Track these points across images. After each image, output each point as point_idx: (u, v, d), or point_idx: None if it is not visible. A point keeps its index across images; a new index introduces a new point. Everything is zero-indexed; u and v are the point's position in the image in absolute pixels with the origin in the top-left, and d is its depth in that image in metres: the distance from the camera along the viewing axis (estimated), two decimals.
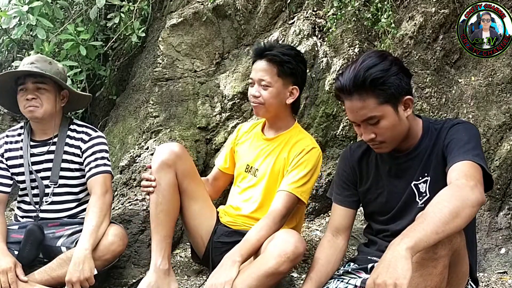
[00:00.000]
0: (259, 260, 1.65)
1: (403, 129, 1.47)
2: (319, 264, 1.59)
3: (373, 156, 1.62)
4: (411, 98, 1.45)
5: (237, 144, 2.07)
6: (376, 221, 1.63)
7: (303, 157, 1.86)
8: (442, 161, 1.46)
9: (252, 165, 1.98)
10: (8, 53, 3.77)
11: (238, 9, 3.23)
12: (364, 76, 1.38)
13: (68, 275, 1.76)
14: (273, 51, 1.86)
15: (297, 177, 1.84)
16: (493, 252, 2.19)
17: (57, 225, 2.06)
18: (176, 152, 1.86)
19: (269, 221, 1.79)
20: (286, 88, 1.89)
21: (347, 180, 1.67)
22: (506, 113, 2.39)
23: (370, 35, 2.89)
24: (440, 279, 1.23)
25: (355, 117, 1.44)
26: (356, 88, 1.39)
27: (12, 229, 2.05)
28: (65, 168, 2.07)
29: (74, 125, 2.14)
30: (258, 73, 1.88)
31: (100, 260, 1.89)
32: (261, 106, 1.89)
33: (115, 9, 3.38)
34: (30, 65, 2.01)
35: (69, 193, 2.09)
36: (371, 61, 1.41)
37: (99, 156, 2.06)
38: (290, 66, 1.86)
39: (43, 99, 2.01)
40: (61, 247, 1.97)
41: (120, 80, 3.70)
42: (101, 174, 2.03)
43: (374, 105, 1.40)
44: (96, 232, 1.87)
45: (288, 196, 1.83)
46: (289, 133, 1.95)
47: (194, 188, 1.93)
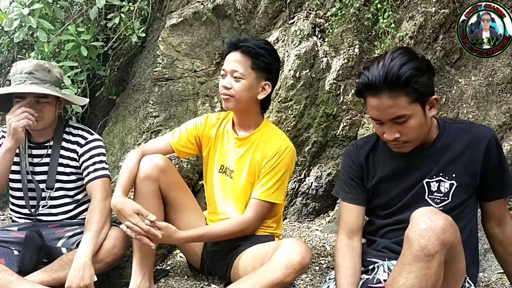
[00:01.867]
0: (264, 269, 1.62)
1: (427, 129, 1.45)
2: (348, 276, 1.47)
3: (381, 152, 1.59)
4: (437, 98, 1.42)
5: (203, 134, 1.98)
6: (378, 216, 1.61)
7: (278, 160, 1.83)
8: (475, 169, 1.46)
9: (226, 166, 1.94)
10: (8, 54, 3.77)
11: (238, 9, 3.23)
12: (397, 73, 1.33)
13: (68, 281, 1.76)
14: (248, 43, 1.81)
15: (270, 183, 1.82)
16: (493, 252, 2.18)
17: (57, 226, 2.05)
18: (159, 166, 1.84)
19: (234, 228, 1.82)
20: (259, 82, 1.84)
21: (355, 177, 1.62)
22: (506, 113, 2.39)
23: (370, 35, 2.89)
24: (436, 279, 1.22)
25: (383, 115, 1.39)
26: (388, 85, 1.34)
27: (12, 230, 2.04)
28: (61, 172, 2.05)
29: (70, 128, 2.11)
30: (231, 64, 1.82)
31: (101, 262, 1.89)
32: (231, 99, 1.82)
33: (115, 9, 3.38)
34: (29, 76, 1.94)
35: (66, 196, 2.07)
36: (402, 58, 1.36)
37: (97, 160, 2.04)
38: (265, 60, 1.81)
39: (44, 111, 1.97)
40: (61, 248, 1.96)
41: (120, 80, 3.70)
42: (101, 179, 2.00)
43: (405, 103, 1.35)
44: (97, 238, 1.87)
45: (260, 204, 1.83)
46: (260, 131, 1.90)
47: (181, 200, 1.91)
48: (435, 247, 1.21)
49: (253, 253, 1.80)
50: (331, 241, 2.52)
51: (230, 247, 1.88)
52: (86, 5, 3.41)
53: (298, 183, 2.96)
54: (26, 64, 2.01)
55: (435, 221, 1.24)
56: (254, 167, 1.87)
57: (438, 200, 1.47)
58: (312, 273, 2.10)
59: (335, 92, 2.93)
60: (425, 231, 1.23)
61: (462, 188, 1.46)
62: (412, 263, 1.22)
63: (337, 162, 2.95)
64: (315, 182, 2.92)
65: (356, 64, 2.90)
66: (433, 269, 1.21)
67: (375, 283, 1.46)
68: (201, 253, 1.96)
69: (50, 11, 3.12)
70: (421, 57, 1.42)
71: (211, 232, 1.83)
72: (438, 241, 1.21)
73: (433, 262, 1.21)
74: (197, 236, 1.83)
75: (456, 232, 1.27)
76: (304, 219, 2.92)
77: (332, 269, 2.13)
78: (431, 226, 1.23)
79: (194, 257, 1.99)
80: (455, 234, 1.26)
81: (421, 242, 1.22)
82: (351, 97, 2.90)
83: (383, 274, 1.46)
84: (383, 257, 1.52)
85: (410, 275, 1.22)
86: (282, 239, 1.79)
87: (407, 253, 1.25)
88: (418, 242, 1.22)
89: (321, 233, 2.67)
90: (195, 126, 2.00)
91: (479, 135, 1.46)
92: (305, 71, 2.92)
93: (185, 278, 2.04)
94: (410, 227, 1.28)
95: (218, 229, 1.83)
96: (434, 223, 1.23)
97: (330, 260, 2.25)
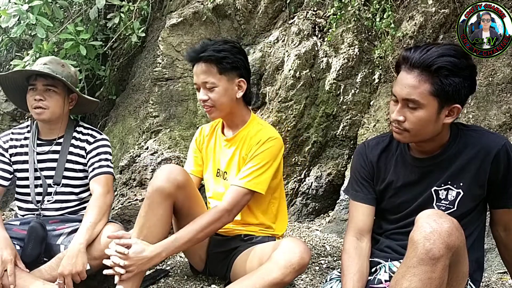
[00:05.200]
0: (263, 269, 1.61)
1: (432, 131, 1.41)
2: (355, 281, 1.44)
3: (393, 154, 1.57)
4: (459, 108, 1.38)
5: (201, 147, 2.03)
6: (384, 219, 1.60)
7: (259, 148, 1.80)
8: (482, 179, 1.44)
9: (220, 168, 1.95)
10: (7, 53, 3.77)
11: (238, 9, 3.23)
12: (434, 59, 1.31)
13: (60, 267, 1.77)
14: (207, 52, 1.79)
15: (251, 170, 1.78)
16: (493, 252, 2.18)
17: (57, 221, 2.07)
18: (178, 182, 1.74)
19: (209, 218, 1.73)
20: (233, 83, 1.83)
21: (366, 176, 1.60)
22: (506, 113, 2.39)
23: (370, 35, 2.89)
24: (440, 283, 1.21)
25: (401, 91, 1.37)
26: (421, 65, 1.33)
27: (14, 224, 2.06)
28: (68, 168, 2.10)
29: (80, 127, 2.17)
30: (199, 76, 1.81)
31: (100, 259, 1.89)
32: (213, 109, 1.82)
33: (115, 9, 3.38)
34: (43, 66, 2.02)
35: (71, 193, 2.11)
36: (449, 51, 1.33)
37: (103, 157, 2.09)
38: (228, 61, 1.79)
39: (51, 101, 2.02)
40: (61, 246, 1.97)
41: (120, 80, 3.70)
42: (104, 175, 2.05)
43: (425, 91, 1.33)
44: (93, 229, 1.88)
45: (237, 191, 1.76)
46: (247, 128, 1.90)
47: (194, 211, 1.85)
48: (440, 250, 1.20)
49: (252, 254, 1.79)
50: (331, 241, 2.52)
51: (230, 248, 1.88)
52: (85, 5, 3.41)
53: (298, 183, 2.96)
54: (43, 58, 2.10)
55: (441, 224, 1.22)
56: (242, 164, 1.87)
57: (443, 208, 1.46)
58: (312, 273, 2.10)
59: (335, 92, 2.93)
60: (431, 234, 1.21)
61: (468, 198, 1.45)
62: (417, 266, 1.21)
63: (337, 162, 2.95)
64: (315, 182, 2.92)
65: (356, 64, 2.90)
66: (437, 272, 1.20)
67: (376, 283, 1.46)
68: (205, 256, 1.95)
69: (49, 10, 3.12)
70: (470, 62, 1.38)
71: (185, 230, 1.72)
72: (444, 244, 1.20)
73: (437, 265, 1.20)
74: (171, 240, 1.70)
75: (462, 236, 1.26)
76: (304, 219, 2.92)
77: (332, 269, 2.13)
78: (436, 229, 1.22)
79: (197, 259, 1.98)
80: (461, 238, 1.25)
81: (426, 246, 1.20)
82: (351, 97, 2.90)
83: (384, 275, 1.46)
84: (385, 257, 1.52)
85: (414, 278, 1.21)
86: (281, 239, 1.77)
87: (411, 255, 1.23)
88: (423, 245, 1.21)
89: (321, 233, 2.67)
90: (194, 142, 2.06)
91: (488, 145, 1.43)
92: (305, 71, 2.92)
93: (185, 278, 2.04)
94: (415, 229, 1.26)
95: (192, 225, 1.73)
96: (440, 226, 1.22)
97: (330, 260, 2.24)
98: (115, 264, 1.64)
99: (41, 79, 2.01)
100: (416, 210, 1.48)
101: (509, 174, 1.43)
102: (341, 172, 2.92)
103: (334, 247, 2.43)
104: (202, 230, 1.72)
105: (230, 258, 1.87)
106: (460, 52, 1.36)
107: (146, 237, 1.70)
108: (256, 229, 1.91)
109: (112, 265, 1.65)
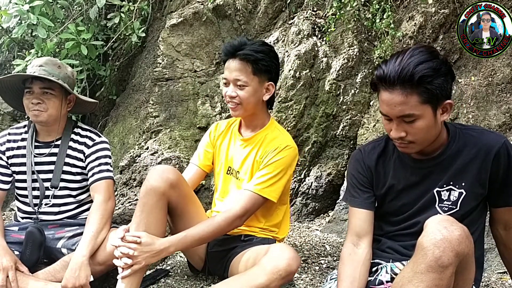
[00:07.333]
0: (249, 274, 1.61)
1: (435, 132, 1.41)
2: (347, 284, 1.45)
3: (391, 158, 1.57)
4: (451, 103, 1.38)
5: (215, 143, 2.02)
6: (386, 222, 1.59)
7: (275, 156, 1.81)
8: (483, 178, 1.44)
9: (233, 167, 1.95)
10: (8, 53, 3.78)
11: (238, 9, 3.23)
12: (412, 71, 1.29)
13: (64, 281, 1.76)
14: (246, 50, 1.79)
15: (266, 177, 1.79)
16: (493, 252, 2.18)
17: (57, 226, 2.05)
18: (171, 181, 1.75)
19: (221, 220, 1.74)
20: (262, 85, 1.84)
21: (364, 182, 1.59)
22: (506, 113, 2.39)
23: (370, 35, 2.89)
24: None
25: (391, 111, 1.35)
26: (401, 81, 1.31)
27: (12, 230, 2.05)
28: (66, 171, 2.07)
29: (78, 129, 2.13)
30: (232, 73, 1.81)
31: (104, 265, 1.88)
32: (239, 106, 1.83)
33: (115, 9, 3.38)
34: (39, 68, 1.99)
35: (69, 195, 2.09)
36: (421, 56, 1.32)
37: (102, 161, 2.05)
38: (264, 63, 1.80)
39: (48, 104, 1.99)
40: (62, 249, 1.96)
41: (120, 80, 3.70)
42: (104, 180, 2.02)
43: (416, 103, 1.32)
44: (96, 239, 1.86)
45: (251, 196, 1.77)
46: (265, 131, 1.91)
47: (188, 209, 1.87)
48: (449, 259, 1.19)
49: (248, 255, 1.78)
50: (331, 241, 2.52)
51: (229, 248, 1.88)
52: (86, 4, 3.42)
53: (298, 183, 2.96)
54: (39, 59, 2.07)
55: (451, 232, 1.21)
56: (257, 166, 1.87)
57: (446, 208, 1.46)
58: (312, 273, 2.10)
59: (335, 92, 2.93)
60: (441, 241, 1.20)
61: (470, 197, 1.45)
62: (425, 273, 1.20)
63: (337, 162, 2.95)
64: (315, 182, 2.92)
65: (356, 64, 2.90)
66: (445, 280, 1.19)
67: (377, 284, 1.46)
68: (204, 255, 1.96)
69: (50, 10, 3.12)
70: (442, 58, 1.37)
71: (196, 229, 1.74)
72: (453, 252, 1.19)
73: (446, 273, 1.19)
74: (181, 237, 1.72)
75: (471, 243, 1.26)
76: (304, 219, 2.92)
77: (332, 269, 2.14)
78: (447, 237, 1.20)
79: (196, 258, 1.98)
80: (470, 246, 1.25)
81: (436, 253, 1.19)
82: (351, 97, 2.90)
83: (386, 275, 1.46)
84: (387, 258, 1.51)
85: (421, 284, 1.20)
86: (272, 244, 1.76)
87: (419, 261, 1.22)
88: (432, 252, 1.20)
89: (321, 233, 2.67)
90: (208, 136, 2.04)
91: (488, 143, 1.43)
92: (305, 71, 2.92)
93: (185, 278, 2.04)
94: (424, 235, 1.25)
95: (203, 224, 1.75)
96: (450, 234, 1.21)
97: (330, 260, 2.25)
98: (123, 254, 1.64)
99: (37, 82, 1.98)
100: (418, 211, 1.49)
101: (509, 172, 1.43)
102: (341, 172, 2.93)
103: (334, 247, 2.43)
104: (212, 230, 1.74)
105: (228, 258, 1.87)
106: (430, 52, 1.35)
107: None
108: (257, 229, 1.92)
109: (120, 256, 1.65)
